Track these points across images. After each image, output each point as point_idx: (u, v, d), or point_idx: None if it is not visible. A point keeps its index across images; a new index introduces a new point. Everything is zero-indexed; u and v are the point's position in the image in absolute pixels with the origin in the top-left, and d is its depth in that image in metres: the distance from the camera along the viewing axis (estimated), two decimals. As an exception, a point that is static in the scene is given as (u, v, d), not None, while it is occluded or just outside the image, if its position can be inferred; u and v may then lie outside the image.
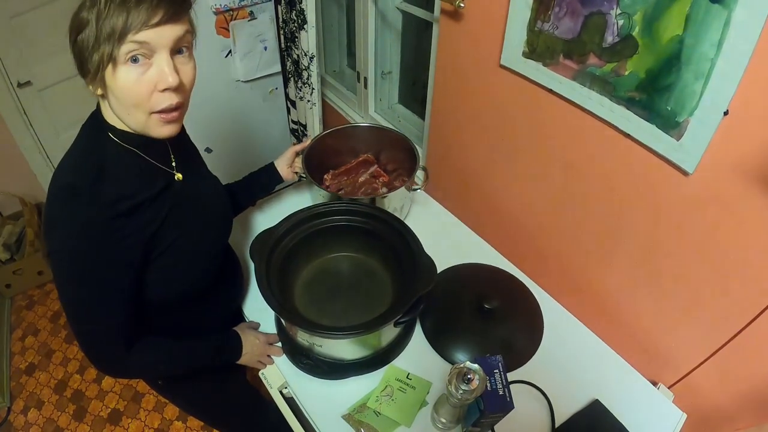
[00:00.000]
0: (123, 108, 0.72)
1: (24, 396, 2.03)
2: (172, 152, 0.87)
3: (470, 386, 0.78)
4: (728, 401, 0.99)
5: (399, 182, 1.42)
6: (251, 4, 2.02)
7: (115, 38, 0.66)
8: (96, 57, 0.67)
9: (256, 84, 2.26)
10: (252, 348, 1.04)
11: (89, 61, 0.68)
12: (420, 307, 1.01)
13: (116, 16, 0.65)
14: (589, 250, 1.16)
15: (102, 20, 0.65)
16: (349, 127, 1.45)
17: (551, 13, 0.95)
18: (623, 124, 0.93)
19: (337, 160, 1.47)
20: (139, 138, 0.78)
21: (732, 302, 0.88)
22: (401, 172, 1.42)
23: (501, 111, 1.22)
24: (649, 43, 0.81)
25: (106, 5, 0.64)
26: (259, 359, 1.06)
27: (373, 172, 1.48)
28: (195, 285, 0.94)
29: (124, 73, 0.68)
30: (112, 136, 0.77)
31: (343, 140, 1.43)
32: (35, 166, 2.59)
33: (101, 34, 0.65)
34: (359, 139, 1.46)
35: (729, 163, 0.79)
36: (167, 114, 0.73)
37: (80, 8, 0.67)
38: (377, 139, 1.45)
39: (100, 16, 0.65)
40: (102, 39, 0.66)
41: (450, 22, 1.24)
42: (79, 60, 0.69)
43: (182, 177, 0.88)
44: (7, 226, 2.45)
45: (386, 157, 1.45)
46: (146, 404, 1.98)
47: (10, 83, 2.28)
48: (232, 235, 1.06)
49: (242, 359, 1.03)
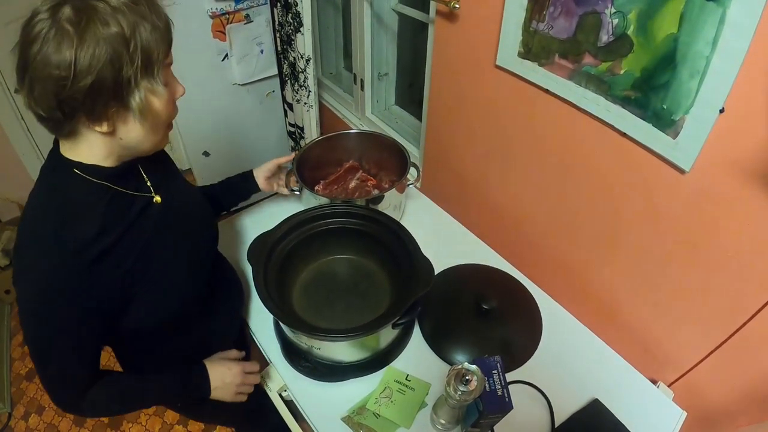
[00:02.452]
0: (152, 131, 0.73)
1: (25, 401, 2.02)
2: (145, 174, 0.83)
3: (468, 387, 0.78)
4: (728, 399, 0.99)
5: (387, 183, 1.43)
6: (247, 8, 2.02)
7: (156, 67, 0.66)
8: (139, 94, 0.66)
9: (252, 87, 2.26)
10: (223, 381, 0.93)
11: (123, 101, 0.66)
12: (418, 309, 1.01)
13: (149, 42, 0.64)
14: (587, 249, 1.16)
15: (136, 49, 0.63)
16: (334, 135, 1.45)
17: (546, 13, 0.95)
18: (619, 123, 0.93)
19: (327, 171, 1.48)
20: (108, 170, 0.74)
21: (731, 299, 0.88)
22: (393, 174, 1.43)
23: (497, 111, 1.22)
24: (644, 42, 0.81)
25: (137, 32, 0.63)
26: (237, 391, 0.95)
27: (360, 176, 1.49)
28: (189, 305, 0.90)
29: (166, 96, 0.70)
30: (78, 173, 0.72)
31: (331, 149, 1.44)
32: (33, 171, 2.58)
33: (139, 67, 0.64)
34: (347, 147, 1.46)
35: (725, 160, 0.79)
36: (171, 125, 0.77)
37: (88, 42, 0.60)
38: (366, 144, 1.46)
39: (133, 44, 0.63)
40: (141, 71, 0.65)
41: (445, 24, 1.24)
42: (93, 105, 0.64)
43: (161, 198, 0.83)
44: (6, 231, 2.45)
45: (376, 160, 1.46)
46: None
47: (7, 89, 2.28)
48: (228, 243, 1.05)
49: (214, 393, 0.93)
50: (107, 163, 0.73)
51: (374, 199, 1.26)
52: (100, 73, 0.61)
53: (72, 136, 0.70)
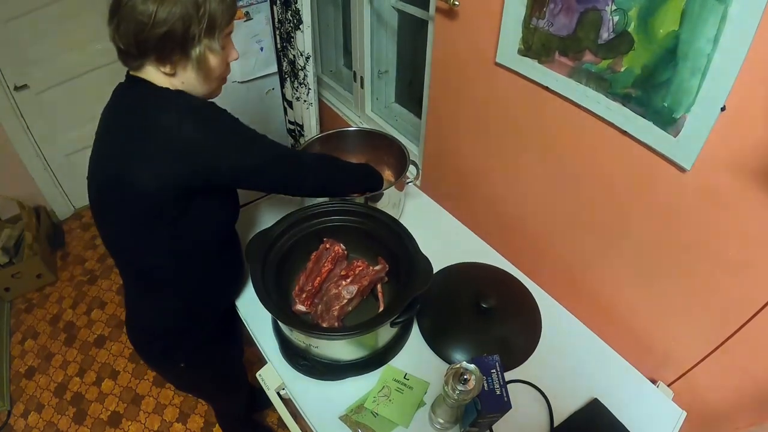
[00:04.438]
0: (209, 80, 0.89)
1: (24, 399, 2.02)
2: None
3: (467, 386, 0.77)
4: (728, 399, 0.98)
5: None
6: (247, 5, 2.01)
7: (217, 32, 0.83)
8: (199, 49, 0.82)
9: (252, 85, 2.25)
10: None
11: (186, 51, 0.81)
12: (416, 307, 1.00)
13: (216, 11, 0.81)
14: (587, 248, 1.15)
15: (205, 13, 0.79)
16: (334, 133, 1.45)
17: (546, 10, 0.95)
18: (620, 121, 0.92)
19: None
20: None
21: (731, 299, 0.88)
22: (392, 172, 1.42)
23: (497, 109, 1.21)
24: (644, 39, 0.81)
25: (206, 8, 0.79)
26: None
27: None
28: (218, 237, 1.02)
29: (222, 55, 0.87)
30: None
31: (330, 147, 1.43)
32: (33, 169, 2.59)
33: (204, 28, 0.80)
34: (347, 144, 1.45)
35: (727, 159, 0.79)
36: (226, 79, 0.96)
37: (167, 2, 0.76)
38: (365, 142, 1.45)
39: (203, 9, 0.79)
40: (205, 31, 0.81)
41: (445, 21, 1.23)
42: (163, 50, 0.80)
43: None
44: (5, 229, 2.45)
45: (376, 158, 1.45)
46: (146, 406, 1.98)
47: (7, 87, 2.28)
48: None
49: None
50: None
51: (373, 196, 1.25)
52: (172, 26, 0.77)
53: (138, 70, 0.85)
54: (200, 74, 0.86)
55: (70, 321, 2.34)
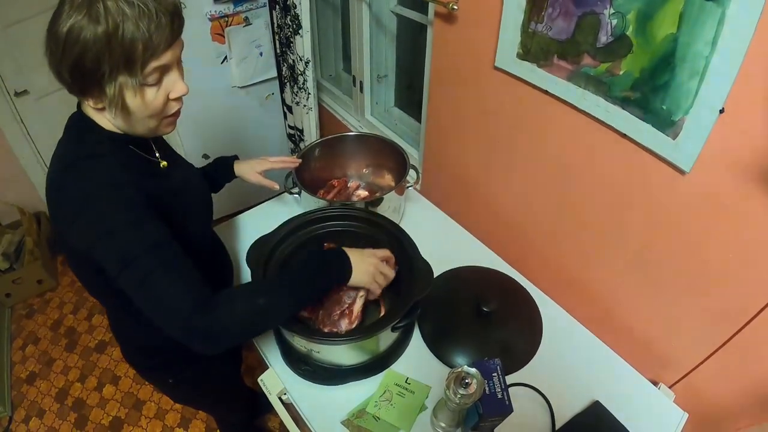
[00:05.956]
0: (135, 119, 0.76)
1: (25, 405, 2.02)
2: (153, 145, 0.90)
3: (468, 390, 0.77)
4: (730, 400, 0.98)
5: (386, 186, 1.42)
6: (246, 10, 2.02)
7: (137, 67, 0.68)
8: (114, 87, 0.69)
9: (252, 90, 2.26)
10: (362, 259, 0.91)
11: (102, 87, 0.69)
12: (417, 312, 1.00)
13: (134, 42, 0.66)
14: (587, 250, 1.15)
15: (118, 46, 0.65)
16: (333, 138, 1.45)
17: (544, 14, 0.95)
18: (619, 124, 0.92)
19: (327, 173, 1.48)
20: (127, 136, 0.80)
21: (732, 300, 0.88)
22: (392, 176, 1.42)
23: (496, 112, 1.22)
24: (643, 43, 0.81)
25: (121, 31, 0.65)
26: (375, 275, 0.92)
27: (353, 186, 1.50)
28: None
29: (146, 94, 0.73)
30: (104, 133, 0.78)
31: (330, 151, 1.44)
32: (33, 175, 2.59)
33: (119, 63, 0.67)
34: (347, 149, 1.46)
35: (726, 161, 0.79)
36: (175, 116, 0.81)
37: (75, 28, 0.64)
38: (365, 146, 1.45)
39: (115, 41, 0.65)
40: (121, 67, 0.67)
41: (444, 25, 1.24)
42: (80, 83, 0.70)
43: (166, 164, 0.90)
44: (6, 235, 2.45)
45: (376, 163, 1.45)
46: (147, 412, 1.97)
47: (7, 92, 2.28)
48: (227, 245, 1.06)
49: (354, 278, 0.90)
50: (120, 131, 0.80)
51: (373, 201, 1.26)
52: (79, 58, 0.66)
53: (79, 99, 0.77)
54: (121, 111, 0.73)
55: (71, 326, 2.34)
